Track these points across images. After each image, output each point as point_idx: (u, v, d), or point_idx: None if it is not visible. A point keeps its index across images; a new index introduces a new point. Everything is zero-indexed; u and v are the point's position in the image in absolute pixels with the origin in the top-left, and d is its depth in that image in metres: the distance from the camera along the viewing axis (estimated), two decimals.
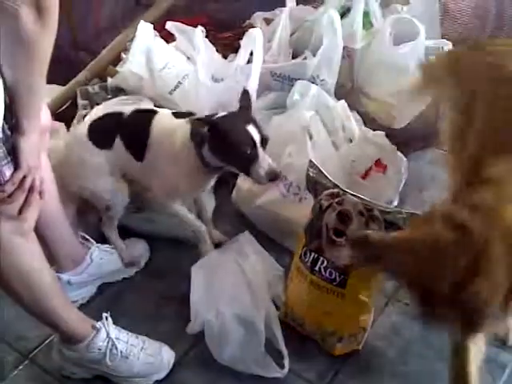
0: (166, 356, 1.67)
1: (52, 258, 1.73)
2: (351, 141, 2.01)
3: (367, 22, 2.36)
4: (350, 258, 1.47)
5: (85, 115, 2.25)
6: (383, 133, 1.96)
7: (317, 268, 1.58)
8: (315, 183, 1.65)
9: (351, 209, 1.52)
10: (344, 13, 2.39)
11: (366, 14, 2.35)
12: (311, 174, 1.66)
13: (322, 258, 1.57)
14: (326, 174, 1.67)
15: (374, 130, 2.02)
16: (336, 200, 1.55)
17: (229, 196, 2.10)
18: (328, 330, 1.64)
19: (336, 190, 1.58)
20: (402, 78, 2.27)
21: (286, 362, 1.63)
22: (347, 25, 2.30)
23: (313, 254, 1.58)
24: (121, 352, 1.59)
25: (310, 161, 1.71)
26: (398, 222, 1.50)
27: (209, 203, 2.08)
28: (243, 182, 2.03)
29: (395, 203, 2.01)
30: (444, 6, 2.94)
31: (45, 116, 1.46)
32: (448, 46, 2.30)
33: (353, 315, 1.61)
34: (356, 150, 1.96)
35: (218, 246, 1.93)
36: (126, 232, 2.01)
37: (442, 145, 2.18)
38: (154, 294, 1.88)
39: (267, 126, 2.00)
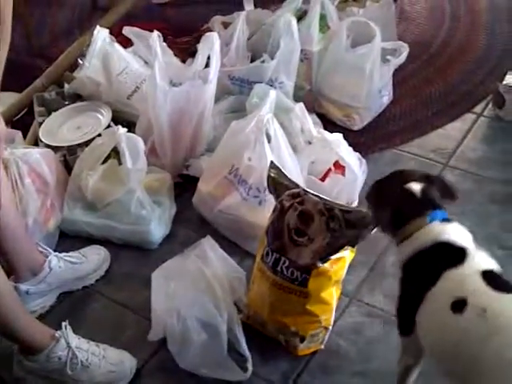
0: (128, 364, 1.65)
1: (9, 268, 1.71)
2: (310, 143, 2.02)
3: (324, 25, 2.38)
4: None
5: (41, 122, 2.23)
6: (341, 134, 1.97)
7: (279, 268, 1.58)
8: (276, 184, 1.65)
9: (312, 208, 1.53)
10: (301, 16, 2.41)
11: (323, 17, 2.37)
12: (272, 175, 1.66)
13: (283, 258, 1.57)
14: (287, 174, 1.68)
15: (333, 131, 2.03)
16: (297, 200, 1.56)
17: (189, 201, 2.09)
18: (290, 331, 1.64)
19: (297, 190, 1.59)
20: (359, 79, 2.30)
21: (249, 364, 1.63)
22: (304, 28, 2.33)
23: (274, 254, 1.59)
24: (81, 361, 1.57)
25: (272, 162, 1.71)
26: (358, 221, 1.51)
27: (170, 208, 2.08)
28: (203, 187, 2.02)
29: (355, 204, 2.03)
30: (400, 8, 2.99)
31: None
32: (404, 47, 2.34)
33: (315, 315, 1.61)
34: (314, 152, 1.97)
35: None
36: (85, 239, 1.99)
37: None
38: (114, 301, 1.86)
39: (226, 130, 2.01)
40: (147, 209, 1.96)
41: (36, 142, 2.24)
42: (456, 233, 1.28)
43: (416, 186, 1.31)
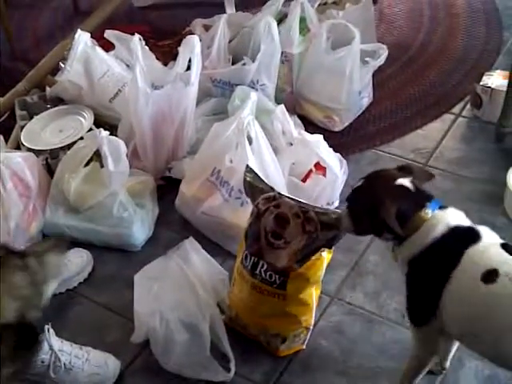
0: (112, 366, 1.65)
1: None
2: (291, 144, 2.03)
3: (304, 28, 2.40)
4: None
5: (23, 126, 2.23)
6: (321, 136, 1.99)
7: (257, 271, 1.60)
8: (252, 187, 1.67)
9: (288, 211, 1.55)
10: (281, 19, 2.43)
11: (303, 20, 2.39)
12: (248, 179, 1.68)
13: (261, 262, 1.58)
14: (263, 177, 1.69)
15: (314, 133, 2.05)
16: (273, 203, 1.58)
17: (172, 203, 2.10)
18: (271, 332, 1.66)
19: (272, 194, 1.60)
20: (339, 81, 2.32)
21: (232, 365, 1.64)
22: (284, 30, 2.35)
23: (253, 257, 1.60)
24: (64, 364, 1.57)
25: (247, 166, 1.73)
26: (333, 222, 1.53)
27: (153, 211, 2.09)
28: (186, 189, 2.03)
29: (336, 204, 2.05)
30: (379, 10, 3.02)
31: None
32: (383, 49, 2.37)
33: (295, 316, 1.63)
34: (295, 153, 1.99)
35: None
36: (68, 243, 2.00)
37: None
38: (97, 304, 1.87)
39: (208, 132, 2.02)
40: (129, 211, 1.97)
41: (18, 146, 2.24)
42: (459, 216, 1.35)
43: (406, 182, 1.35)
